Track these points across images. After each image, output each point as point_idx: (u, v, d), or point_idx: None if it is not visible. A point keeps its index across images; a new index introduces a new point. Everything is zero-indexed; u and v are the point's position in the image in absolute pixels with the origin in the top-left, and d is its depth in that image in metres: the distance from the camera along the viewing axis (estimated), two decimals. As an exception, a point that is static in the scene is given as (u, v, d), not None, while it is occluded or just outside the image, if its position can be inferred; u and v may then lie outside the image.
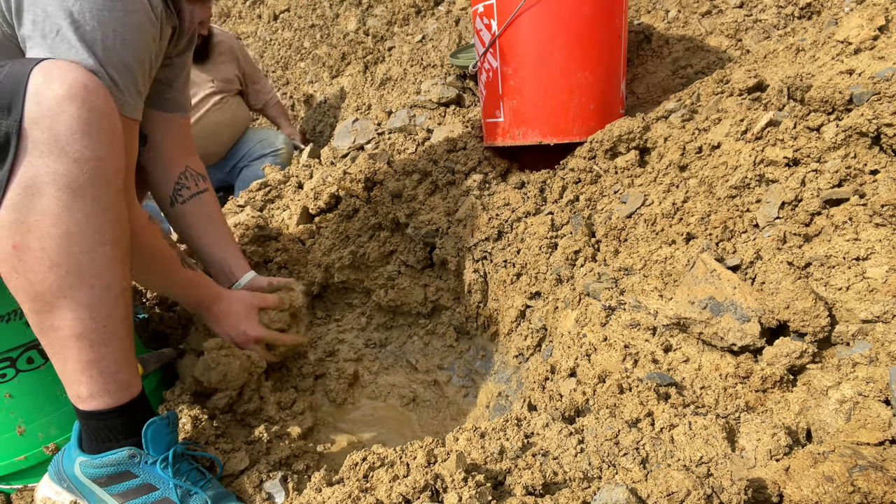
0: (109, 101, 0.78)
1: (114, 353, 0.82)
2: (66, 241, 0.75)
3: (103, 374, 0.82)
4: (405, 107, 2.12)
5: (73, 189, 0.74)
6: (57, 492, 0.92)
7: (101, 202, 0.77)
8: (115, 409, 0.84)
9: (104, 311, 0.79)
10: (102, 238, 0.78)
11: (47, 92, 0.73)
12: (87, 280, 0.77)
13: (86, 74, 0.76)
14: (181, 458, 0.90)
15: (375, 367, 1.48)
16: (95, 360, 0.81)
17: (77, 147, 0.74)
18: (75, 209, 0.75)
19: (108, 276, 0.79)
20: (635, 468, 0.73)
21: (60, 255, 0.75)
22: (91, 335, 0.79)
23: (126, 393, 0.85)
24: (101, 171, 0.76)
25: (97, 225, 0.77)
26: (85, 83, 0.75)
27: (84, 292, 0.77)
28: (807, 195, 0.98)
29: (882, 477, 0.60)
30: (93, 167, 0.75)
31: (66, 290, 0.76)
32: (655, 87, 1.91)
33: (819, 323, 0.82)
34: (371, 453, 0.82)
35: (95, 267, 0.78)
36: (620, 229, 1.24)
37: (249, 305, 1.21)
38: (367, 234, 1.64)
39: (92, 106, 0.75)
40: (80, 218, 0.75)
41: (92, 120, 0.75)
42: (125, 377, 0.85)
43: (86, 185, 0.75)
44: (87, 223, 0.76)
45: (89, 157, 0.75)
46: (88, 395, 0.82)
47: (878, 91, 1.01)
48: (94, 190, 0.76)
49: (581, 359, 1.00)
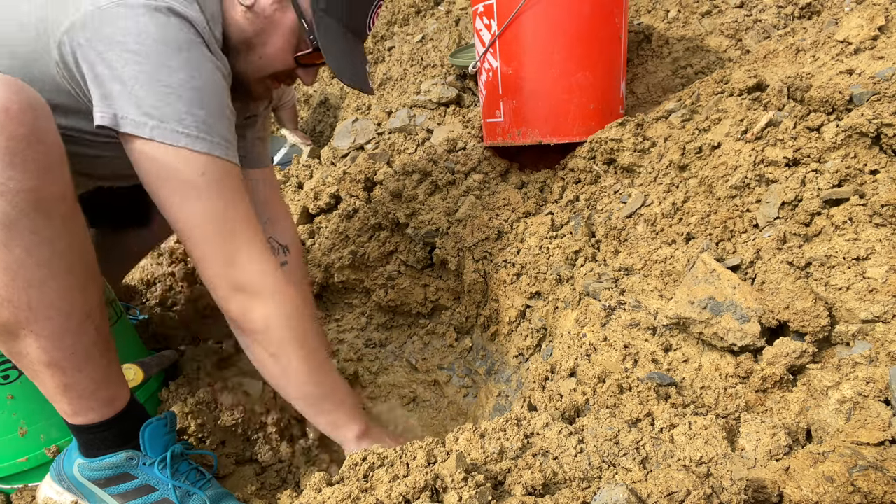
0: (39, 121, 0.70)
1: (89, 375, 0.80)
2: (9, 277, 0.70)
3: (82, 396, 0.81)
4: (405, 107, 2.12)
5: (4, 225, 0.68)
6: (58, 492, 0.92)
7: (42, 234, 0.71)
8: (101, 424, 0.84)
9: (68, 340, 0.76)
10: (53, 271, 0.73)
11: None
12: (41, 312, 0.73)
13: (7, 93, 0.67)
14: (180, 459, 0.90)
15: (375, 367, 1.48)
16: (70, 384, 0.79)
17: (1, 180, 0.66)
18: (12, 245, 0.69)
19: (66, 306, 0.75)
20: (635, 468, 0.73)
21: (7, 292, 0.71)
22: (60, 363, 0.77)
23: (110, 408, 0.84)
24: (33, 203, 0.69)
25: (42, 258, 0.71)
26: (5, 106, 0.66)
27: (41, 324, 0.74)
28: (807, 195, 0.98)
29: (882, 477, 0.60)
30: (23, 199, 0.68)
31: (23, 324, 0.73)
32: (655, 87, 1.91)
33: (819, 323, 0.82)
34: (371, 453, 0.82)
35: (48, 299, 0.73)
36: (620, 229, 1.24)
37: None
38: (367, 234, 1.65)
39: (12, 133, 0.66)
40: (20, 253, 0.70)
41: (14, 149, 0.67)
42: (106, 394, 0.83)
43: (18, 218, 0.68)
44: (28, 258, 0.70)
45: (16, 188, 0.67)
46: (73, 413, 0.82)
47: (878, 91, 1.01)
48: (31, 223, 0.69)
49: (581, 359, 1.00)
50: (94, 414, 0.83)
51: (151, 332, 1.38)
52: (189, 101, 0.79)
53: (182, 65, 0.79)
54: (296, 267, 1.26)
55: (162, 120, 0.78)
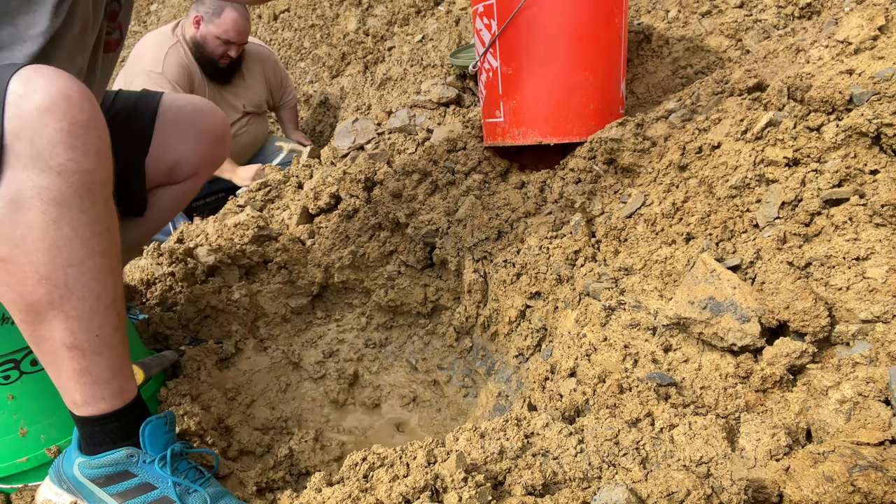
0: (95, 110, 0.75)
1: (106, 361, 0.81)
2: (53, 254, 0.73)
3: (97, 382, 0.82)
4: (405, 107, 2.12)
5: (58, 202, 0.72)
6: (57, 493, 0.92)
7: (89, 214, 0.75)
8: (109, 415, 0.84)
9: (95, 321, 0.79)
10: (91, 250, 0.76)
11: (27, 103, 0.70)
12: (76, 292, 0.76)
13: (69, 83, 0.72)
14: (180, 457, 0.90)
15: (375, 367, 1.48)
16: (88, 368, 0.80)
17: (60, 160, 0.71)
18: (62, 223, 0.73)
19: (98, 288, 0.78)
20: (635, 468, 0.73)
21: (48, 269, 0.73)
22: (83, 345, 0.79)
23: (120, 399, 0.85)
24: (86, 184, 0.74)
25: (85, 237, 0.75)
26: (67, 93, 0.71)
27: (74, 304, 0.76)
28: (807, 195, 0.98)
29: (882, 477, 0.60)
30: (78, 180, 0.73)
31: (55, 303, 0.75)
32: (655, 87, 1.91)
33: (819, 323, 0.82)
34: (371, 453, 0.82)
35: (85, 279, 0.76)
36: (620, 229, 1.24)
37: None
38: (367, 234, 1.65)
39: (74, 119, 0.72)
40: (67, 231, 0.73)
41: (75, 133, 0.72)
42: (119, 384, 0.84)
43: (71, 198, 0.73)
44: (74, 236, 0.74)
45: (74, 170, 0.72)
46: (83, 402, 0.82)
47: (878, 91, 1.01)
48: (81, 203, 0.74)
49: (581, 359, 1.00)
50: (103, 404, 0.83)
51: (151, 332, 1.38)
52: None
53: None
54: None
55: None
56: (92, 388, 0.82)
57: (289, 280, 1.59)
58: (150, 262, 1.55)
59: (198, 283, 1.52)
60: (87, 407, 0.83)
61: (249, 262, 1.62)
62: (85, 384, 0.81)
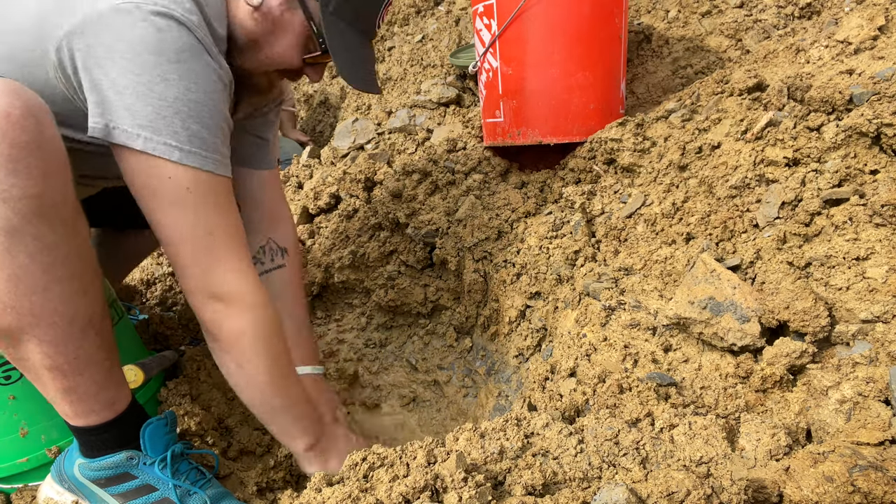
0: (40, 127, 0.70)
1: (91, 378, 0.80)
2: (13, 283, 0.70)
3: (83, 398, 0.81)
4: (405, 107, 2.12)
5: (8, 231, 0.68)
6: (59, 492, 0.92)
7: (45, 240, 0.71)
8: (101, 426, 0.84)
9: (71, 345, 0.77)
10: (55, 276, 0.73)
11: None
12: (45, 318, 0.73)
13: (11, 99, 0.67)
14: (180, 458, 0.90)
15: (375, 367, 1.48)
16: (72, 387, 0.79)
17: (3, 187, 0.66)
18: (16, 251, 0.69)
19: (69, 312, 0.75)
20: (635, 468, 0.74)
21: (11, 298, 0.71)
22: (62, 367, 0.77)
23: (111, 410, 0.84)
24: (35, 209, 0.69)
25: (46, 264, 0.72)
26: (7, 111, 0.66)
27: (44, 330, 0.74)
28: (807, 195, 0.98)
29: (882, 477, 0.60)
30: (25, 206, 0.68)
31: (26, 329, 0.73)
32: (655, 87, 1.91)
33: (819, 323, 0.82)
34: (371, 453, 0.82)
35: (52, 304, 0.73)
36: (620, 229, 1.24)
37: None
38: (367, 234, 1.65)
39: (14, 140, 0.67)
40: (24, 259, 0.70)
41: (17, 156, 0.67)
42: (108, 396, 0.84)
43: (22, 225, 0.69)
44: (31, 263, 0.71)
45: (19, 196, 0.67)
46: (73, 415, 0.82)
47: (878, 91, 1.01)
48: (34, 229, 0.70)
49: (581, 359, 1.00)
50: (94, 416, 0.83)
51: (151, 332, 1.38)
52: (184, 115, 0.79)
53: (180, 76, 0.78)
54: (293, 270, 1.26)
55: (155, 132, 0.78)
56: (79, 403, 0.81)
57: (289, 280, 1.59)
58: (150, 262, 1.55)
59: (198, 283, 1.52)
60: (78, 419, 0.83)
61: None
62: (72, 401, 0.81)
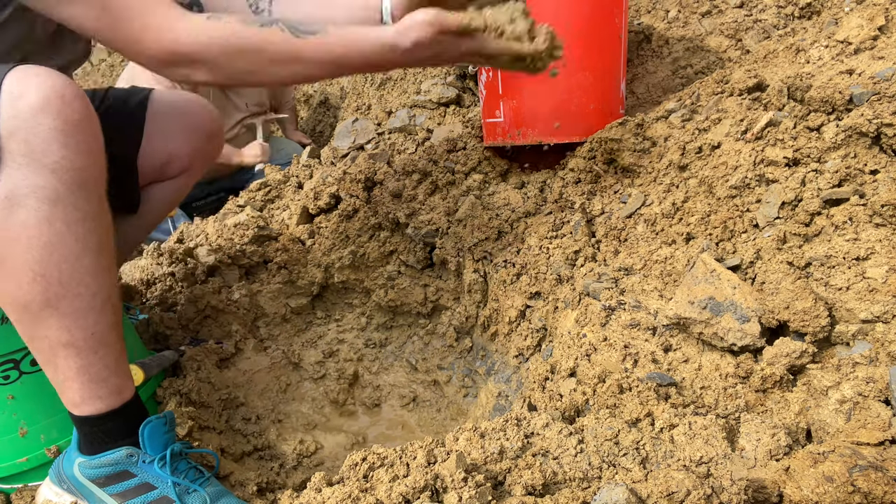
0: (88, 109, 0.76)
1: (103, 359, 0.82)
2: (48, 251, 0.74)
3: (94, 380, 0.82)
4: (405, 107, 2.12)
5: (52, 200, 0.73)
6: (57, 493, 0.92)
7: (83, 211, 0.76)
8: (107, 414, 0.84)
9: (90, 319, 0.79)
10: (86, 247, 0.77)
11: (21, 103, 0.71)
12: (71, 290, 0.76)
13: (62, 83, 0.73)
14: (179, 457, 0.90)
15: (375, 367, 1.48)
16: (85, 367, 0.80)
17: (55, 158, 0.72)
18: (55, 220, 0.74)
19: (93, 285, 0.78)
20: (635, 468, 0.73)
21: (42, 266, 0.74)
22: (79, 343, 0.79)
23: (118, 398, 0.85)
24: (80, 181, 0.75)
25: (79, 234, 0.76)
26: (61, 93, 0.73)
27: (69, 302, 0.77)
28: (807, 195, 0.98)
29: (882, 477, 0.60)
30: (71, 177, 0.74)
31: (51, 301, 0.76)
32: (655, 87, 1.91)
33: (819, 323, 0.82)
34: (371, 453, 0.82)
35: (79, 275, 0.77)
36: (620, 229, 1.24)
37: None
38: (367, 234, 1.64)
39: (68, 118, 0.73)
40: (61, 228, 0.74)
41: (69, 131, 0.73)
42: (117, 382, 0.85)
43: (65, 195, 0.74)
44: (68, 233, 0.75)
45: (67, 167, 0.73)
46: (81, 401, 0.83)
47: (878, 91, 1.01)
48: (75, 200, 0.75)
49: (581, 359, 1.00)
50: (101, 403, 0.83)
51: (151, 332, 1.38)
52: None
53: None
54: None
55: None
56: (89, 386, 0.82)
57: (289, 280, 1.59)
58: (150, 262, 1.55)
59: (198, 283, 1.52)
60: (85, 406, 0.83)
61: (249, 262, 1.62)
62: (82, 383, 0.81)
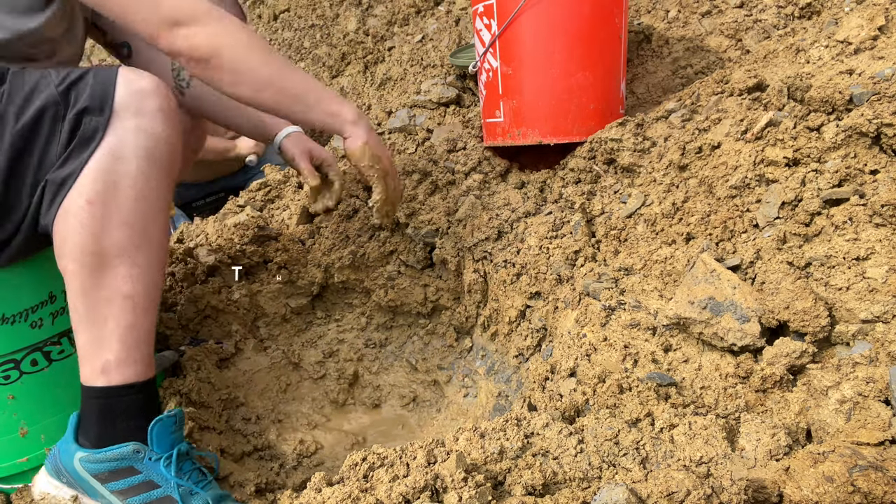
0: (175, 102, 0.90)
1: (149, 322, 0.88)
2: (138, 203, 0.84)
3: (137, 342, 0.86)
4: (405, 107, 2.12)
5: (151, 159, 0.84)
6: (56, 486, 0.91)
7: (168, 178, 0.88)
8: (135, 385, 0.86)
9: (155, 275, 0.88)
10: (162, 207, 0.88)
11: (136, 84, 0.84)
12: (154, 241, 0.86)
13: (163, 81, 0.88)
14: (184, 458, 0.90)
15: (375, 367, 1.48)
16: (134, 325, 0.85)
17: (159, 128, 0.85)
18: (150, 176, 0.85)
19: (165, 241, 0.90)
20: (635, 468, 0.74)
21: (131, 215, 0.83)
22: (138, 298, 0.85)
23: (148, 369, 0.89)
24: (172, 153, 0.88)
25: (162, 194, 0.87)
26: (165, 86, 0.87)
27: (143, 253, 0.85)
28: (807, 195, 0.98)
29: (882, 477, 0.60)
30: (167, 147, 0.86)
31: (127, 249, 0.84)
32: (655, 87, 1.91)
33: (819, 323, 0.82)
34: (371, 453, 0.82)
35: (156, 231, 0.87)
36: (620, 229, 1.24)
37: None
38: (367, 234, 1.64)
39: (171, 104, 0.88)
40: (154, 185, 0.85)
41: (170, 111, 0.87)
42: (149, 352, 0.89)
43: (161, 158, 0.86)
44: (156, 191, 0.86)
45: (166, 139, 0.86)
46: (116, 363, 0.85)
47: (878, 91, 1.01)
48: (167, 165, 0.87)
49: (581, 359, 1.00)
50: (134, 368, 0.86)
51: (151, 332, 1.38)
52: None
53: None
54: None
55: None
56: (131, 347, 0.86)
57: (289, 280, 1.59)
58: (150, 262, 1.55)
59: (198, 283, 1.52)
60: (116, 372, 0.85)
61: (249, 262, 1.62)
62: (125, 342, 0.85)
